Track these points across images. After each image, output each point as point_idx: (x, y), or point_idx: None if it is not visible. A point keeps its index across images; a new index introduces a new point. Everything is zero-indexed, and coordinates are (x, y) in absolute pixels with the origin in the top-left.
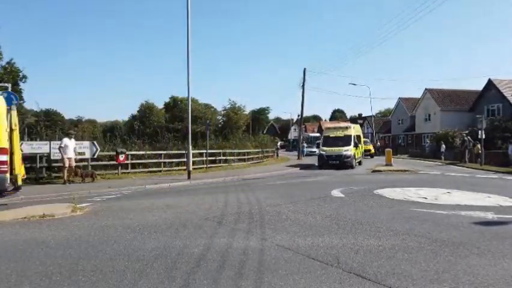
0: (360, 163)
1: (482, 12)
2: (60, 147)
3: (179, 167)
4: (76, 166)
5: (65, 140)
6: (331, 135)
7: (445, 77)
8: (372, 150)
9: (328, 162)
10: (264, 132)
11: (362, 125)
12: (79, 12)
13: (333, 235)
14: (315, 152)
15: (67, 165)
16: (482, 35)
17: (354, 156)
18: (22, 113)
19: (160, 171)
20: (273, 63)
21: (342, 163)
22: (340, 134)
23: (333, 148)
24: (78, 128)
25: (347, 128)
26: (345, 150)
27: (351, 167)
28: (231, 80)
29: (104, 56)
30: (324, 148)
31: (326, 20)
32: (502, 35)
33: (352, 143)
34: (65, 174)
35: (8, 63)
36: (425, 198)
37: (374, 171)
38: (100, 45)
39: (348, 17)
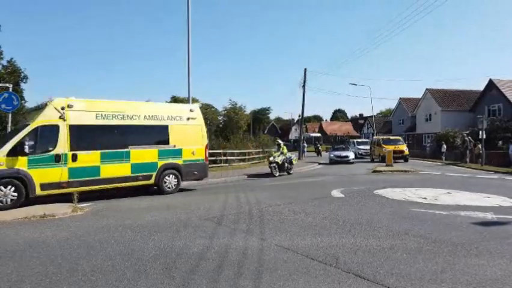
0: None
1: (482, 12)
2: None
3: None
4: None
5: None
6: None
7: (446, 77)
8: (406, 151)
9: None
10: (265, 132)
11: (363, 125)
12: (79, 11)
13: (333, 235)
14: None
15: None
16: (483, 35)
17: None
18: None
19: None
20: (274, 63)
21: None
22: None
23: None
24: None
25: (46, 105)
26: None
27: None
28: (231, 80)
29: (104, 56)
30: None
31: (327, 20)
32: (503, 34)
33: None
34: None
35: (8, 62)
36: (425, 198)
37: (374, 171)
38: (100, 45)
39: (349, 17)
